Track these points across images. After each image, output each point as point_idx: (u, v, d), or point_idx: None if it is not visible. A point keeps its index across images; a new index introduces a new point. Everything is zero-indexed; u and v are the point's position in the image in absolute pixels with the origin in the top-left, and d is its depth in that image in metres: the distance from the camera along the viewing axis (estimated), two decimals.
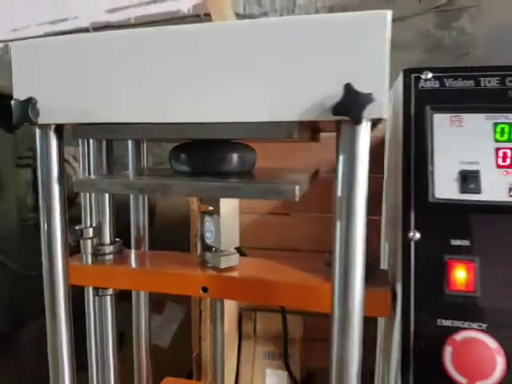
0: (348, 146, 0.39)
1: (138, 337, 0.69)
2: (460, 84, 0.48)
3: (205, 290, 0.51)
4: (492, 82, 0.47)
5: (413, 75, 0.49)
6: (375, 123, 0.41)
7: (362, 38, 0.36)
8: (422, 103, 0.48)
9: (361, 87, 0.36)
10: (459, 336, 0.37)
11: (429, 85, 0.49)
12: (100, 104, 0.42)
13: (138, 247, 0.65)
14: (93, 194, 0.56)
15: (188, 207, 0.98)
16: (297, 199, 0.40)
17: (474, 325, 0.39)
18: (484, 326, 0.39)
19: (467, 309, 0.40)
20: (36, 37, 1.91)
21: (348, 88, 0.35)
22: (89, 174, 0.56)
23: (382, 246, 0.65)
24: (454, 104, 0.47)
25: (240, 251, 0.62)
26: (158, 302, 2.19)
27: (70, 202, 0.54)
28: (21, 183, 2.38)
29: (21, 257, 2.40)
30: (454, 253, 0.42)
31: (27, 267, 2.45)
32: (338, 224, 0.40)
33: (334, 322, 0.41)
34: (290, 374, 1.10)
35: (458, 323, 0.40)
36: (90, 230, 0.55)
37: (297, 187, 0.40)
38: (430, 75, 0.49)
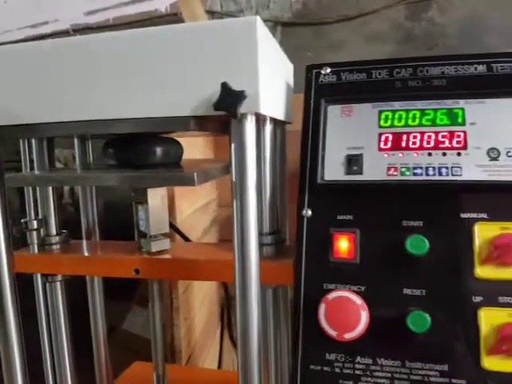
0: (237, 137, 0.45)
1: (95, 323, 0.75)
2: (354, 77, 0.53)
3: (137, 271, 0.57)
4: (382, 74, 0.53)
5: (314, 71, 0.55)
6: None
7: (234, 42, 0.41)
8: (319, 96, 0.53)
9: (236, 85, 0.41)
10: (331, 295, 0.43)
11: (327, 79, 0.54)
12: (21, 108, 0.47)
13: (89, 238, 0.71)
14: (37, 189, 0.62)
15: None
16: (196, 185, 0.46)
17: (354, 287, 0.45)
18: (362, 288, 0.45)
19: (348, 272, 0.46)
20: (18, 41, 1.96)
21: (224, 86, 0.41)
22: (31, 169, 0.61)
23: None
24: (346, 96, 0.53)
25: (185, 238, 0.68)
26: (144, 298, 2.25)
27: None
28: (7, 188, 2.43)
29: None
30: (339, 226, 0.48)
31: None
32: (235, 204, 0.45)
33: (237, 289, 0.47)
34: None
35: (340, 286, 0.46)
36: (35, 222, 0.61)
37: (195, 174, 0.46)
38: (328, 70, 0.54)
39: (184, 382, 0.92)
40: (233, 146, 0.45)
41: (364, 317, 0.42)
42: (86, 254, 0.64)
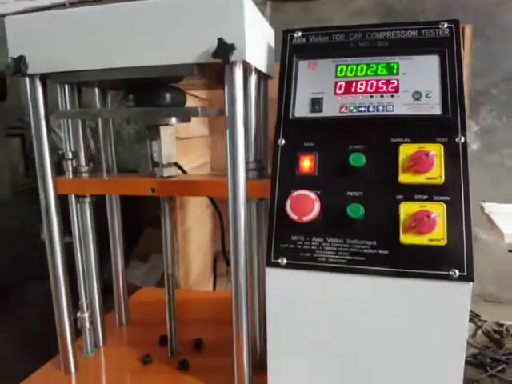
0: (229, 80, 0.61)
1: (113, 241, 0.93)
2: (319, 39, 0.70)
3: (153, 190, 0.74)
4: (340, 37, 0.69)
5: (289, 34, 0.71)
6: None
7: (227, 9, 0.58)
8: (292, 54, 0.70)
9: (228, 40, 0.58)
10: (295, 193, 0.61)
11: (299, 41, 0.71)
12: (67, 58, 0.63)
13: (108, 172, 0.88)
14: (70, 129, 0.78)
15: None
16: (199, 116, 0.63)
17: (312, 194, 0.62)
18: (318, 192, 0.63)
19: (309, 182, 0.63)
20: (16, 13, 2.07)
21: (220, 40, 0.58)
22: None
23: None
24: (313, 53, 0.69)
25: (182, 170, 0.85)
26: (143, 254, 2.43)
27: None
28: (12, 151, 2.57)
29: (17, 219, 2.62)
30: (304, 150, 0.65)
31: (23, 228, 2.67)
32: (227, 134, 0.63)
33: (229, 202, 0.65)
34: None
35: (303, 191, 0.63)
36: (70, 152, 0.77)
37: (199, 108, 0.63)
38: (300, 34, 0.70)
39: (190, 302, 1.11)
40: (226, 88, 0.62)
41: (317, 206, 0.60)
42: (109, 178, 0.81)
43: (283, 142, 0.67)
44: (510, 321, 2.13)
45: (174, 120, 0.72)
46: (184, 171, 0.85)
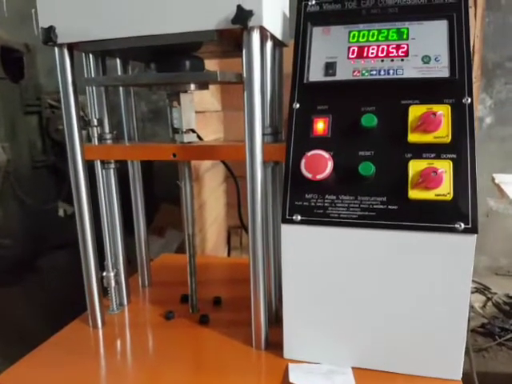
0: (247, 45, 0.65)
1: (136, 208, 0.98)
2: (332, 7, 0.72)
3: (174, 155, 0.79)
4: (352, 5, 0.72)
5: (303, 2, 0.74)
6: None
7: None
8: (307, 21, 0.72)
9: (246, 6, 0.61)
10: (309, 153, 0.65)
11: (313, 8, 0.73)
12: (94, 27, 0.67)
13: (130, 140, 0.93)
14: (95, 97, 0.83)
15: None
16: (219, 79, 0.66)
17: (325, 153, 0.66)
18: (331, 152, 0.66)
19: (323, 143, 0.67)
20: None
21: (239, 7, 0.61)
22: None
23: None
24: (326, 20, 0.72)
25: (200, 138, 0.89)
26: (159, 229, 2.50)
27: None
28: (30, 129, 2.63)
29: (35, 194, 2.70)
30: (318, 113, 0.69)
31: (42, 203, 2.76)
32: (245, 98, 0.66)
33: (247, 166, 0.69)
34: None
35: (317, 151, 0.66)
36: (95, 120, 0.82)
37: (218, 72, 0.66)
38: (314, 1, 0.73)
39: (208, 265, 1.17)
40: (243, 53, 0.66)
41: (330, 165, 0.64)
42: (132, 144, 0.86)
43: (298, 105, 0.70)
44: None
45: (193, 86, 0.76)
46: (201, 139, 0.89)
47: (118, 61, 0.87)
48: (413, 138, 0.64)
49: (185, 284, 0.94)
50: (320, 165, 0.64)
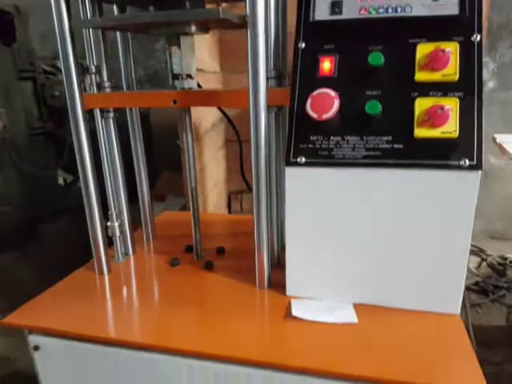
0: None
1: (137, 162, 0.97)
2: None
3: (174, 102, 0.78)
4: None
5: None
6: None
7: None
8: None
9: None
10: (315, 92, 0.64)
11: None
12: None
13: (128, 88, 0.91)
14: (92, 44, 0.81)
15: None
16: (221, 16, 0.64)
17: (332, 92, 0.65)
18: (338, 92, 0.65)
19: (329, 83, 0.66)
20: None
21: None
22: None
23: None
24: None
25: (199, 86, 0.87)
26: (160, 195, 2.51)
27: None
28: (25, 95, 2.58)
29: (33, 162, 2.68)
30: (324, 52, 0.67)
31: (40, 171, 2.74)
32: (248, 38, 0.65)
33: (251, 111, 0.68)
34: None
35: (323, 90, 0.65)
36: (93, 67, 0.80)
37: (220, 10, 0.65)
38: None
39: (211, 221, 1.17)
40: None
41: (336, 104, 0.63)
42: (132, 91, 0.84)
43: (303, 45, 0.69)
44: None
45: (193, 28, 0.74)
46: (201, 87, 0.87)
47: (115, 7, 0.85)
48: (420, 76, 0.63)
49: (188, 237, 0.95)
50: (326, 104, 0.63)
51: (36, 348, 0.72)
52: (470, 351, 0.61)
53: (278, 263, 0.88)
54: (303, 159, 0.67)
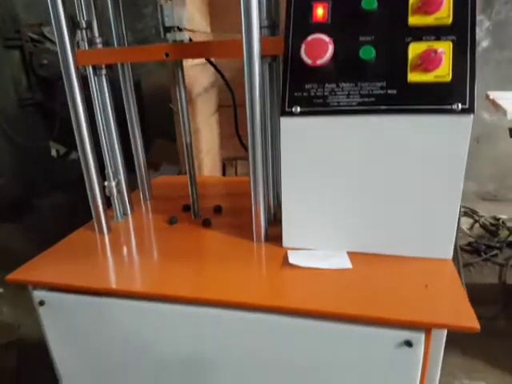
0: None
1: (131, 123, 0.97)
2: None
3: (167, 55, 0.77)
4: None
5: None
6: None
7: None
8: None
9: None
10: (310, 37, 0.64)
11: None
12: None
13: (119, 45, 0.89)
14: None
15: None
16: None
17: (326, 37, 0.65)
18: (332, 38, 0.65)
19: (322, 28, 0.66)
20: None
21: None
22: None
23: None
24: None
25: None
26: (154, 164, 2.51)
27: None
28: (13, 64, 2.53)
29: (25, 133, 2.65)
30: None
31: (32, 142, 2.72)
32: None
33: (245, 61, 0.67)
34: None
35: (317, 35, 0.65)
36: (83, 21, 0.79)
37: None
38: None
39: (207, 182, 1.18)
40: None
41: (330, 49, 0.63)
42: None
43: None
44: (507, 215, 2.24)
45: None
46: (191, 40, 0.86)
47: None
48: (413, 20, 0.63)
49: (185, 197, 0.96)
50: (320, 49, 0.63)
51: (41, 303, 0.74)
52: (461, 292, 0.63)
53: (275, 220, 0.90)
54: (298, 109, 0.67)
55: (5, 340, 1.49)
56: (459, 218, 0.68)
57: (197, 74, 1.55)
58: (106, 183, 0.90)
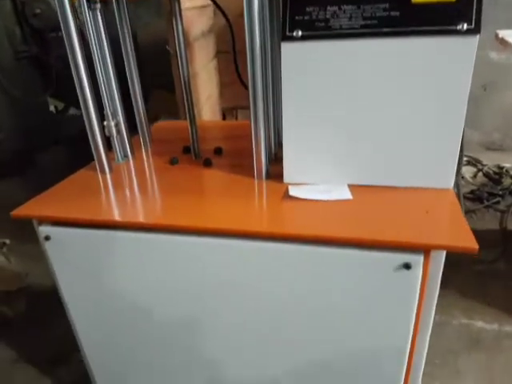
0: None
1: (129, 67, 0.94)
2: None
3: None
4: None
5: None
6: None
7: None
8: None
9: None
10: None
11: None
12: None
13: None
14: None
15: None
16: None
17: None
18: None
19: None
20: None
21: None
22: None
23: None
24: None
25: None
26: (153, 117, 2.48)
27: None
28: (5, 14, 2.44)
29: (22, 87, 2.59)
30: None
31: (30, 96, 2.66)
32: None
33: None
34: None
35: None
36: None
37: None
38: None
39: (207, 126, 1.17)
40: None
41: None
42: None
43: None
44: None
45: None
46: None
47: None
48: None
49: (185, 140, 0.96)
50: None
51: (47, 238, 0.75)
52: (461, 217, 0.64)
53: (276, 160, 0.89)
54: (300, 32, 0.65)
55: (14, 287, 1.53)
56: (462, 146, 0.68)
57: (194, 17, 1.50)
58: (104, 123, 0.89)
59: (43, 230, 0.75)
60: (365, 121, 0.69)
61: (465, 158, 2.27)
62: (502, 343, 1.22)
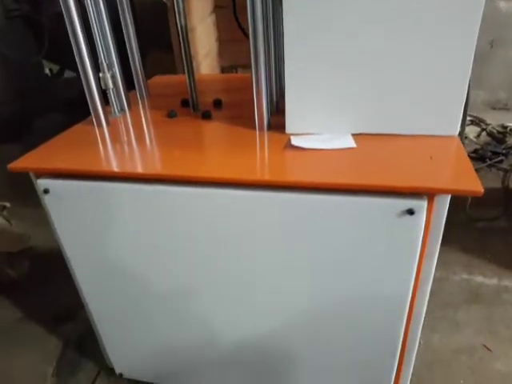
0: None
1: (125, 21, 0.90)
2: None
3: None
4: None
5: None
6: None
7: None
8: None
9: None
10: None
11: None
12: None
13: None
14: None
15: None
16: None
17: None
18: None
19: None
20: None
21: None
22: None
23: None
24: None
25: None
26: (151, 77, 2.42)
27: None
28: None
29: (13, 47, 2.51)
30: None
31: (21, 56, 2.58)
32: None
33: None
34: None
35: None
36: None
37: None
38: None
39: (205, 79, 1.13)
40: None
41: None
42: None
43: None
44: None
45: None
46: None
47: None
48: None
49: (183, 93, 0.93)
50: None
51: (46, 191, 0.74)
52: (466, 162, 0.62)
53: (277, 112, 0.87)
54: None
55: (16, 249, 1.54)
56: (468, 91, 0.65)
57: None
58: (100, 74, 0.86)
59: (42, 182, 0.73)
60: (368, 66, 0.66)
61: (469, 118, 2.24)
62: (501, 296, 1.24)
